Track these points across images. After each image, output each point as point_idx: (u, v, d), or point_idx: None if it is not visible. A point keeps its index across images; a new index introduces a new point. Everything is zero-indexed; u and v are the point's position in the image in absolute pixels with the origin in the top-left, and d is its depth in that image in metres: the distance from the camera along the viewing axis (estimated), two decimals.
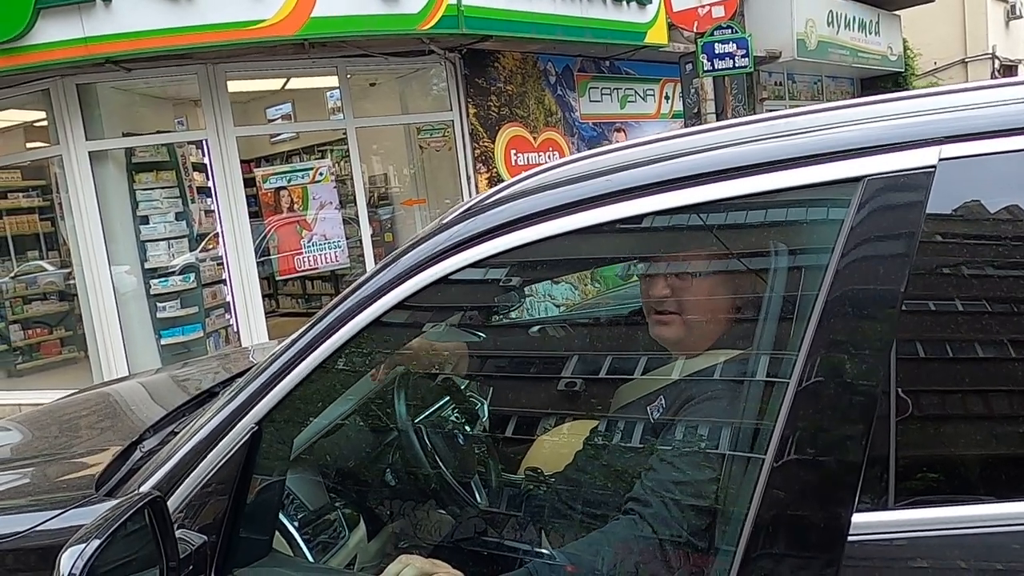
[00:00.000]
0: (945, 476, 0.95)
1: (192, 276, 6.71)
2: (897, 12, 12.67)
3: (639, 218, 1.07)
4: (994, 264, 0.97)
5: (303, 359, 1.20)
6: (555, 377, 1.63)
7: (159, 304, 6.60)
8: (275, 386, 1.21)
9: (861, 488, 0.90)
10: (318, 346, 1.20)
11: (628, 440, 1.36)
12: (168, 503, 1.16)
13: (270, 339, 6.39)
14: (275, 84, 7.61)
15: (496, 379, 1.75)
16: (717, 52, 7.20)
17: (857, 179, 0.94)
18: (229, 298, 6.83)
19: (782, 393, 0.94)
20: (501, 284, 1.25)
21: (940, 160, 0.92)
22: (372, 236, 7.29)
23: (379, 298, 1.19)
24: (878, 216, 0.93)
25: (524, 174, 1.32)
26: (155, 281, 6.56)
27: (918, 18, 13.40)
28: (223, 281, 6.89)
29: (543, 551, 1.30)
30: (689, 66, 7.73)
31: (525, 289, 1.41)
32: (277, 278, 7.61)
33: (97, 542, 0.95)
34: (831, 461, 0.90)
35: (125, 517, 1.00)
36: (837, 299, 0.92)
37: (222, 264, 6.80)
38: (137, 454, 1.65)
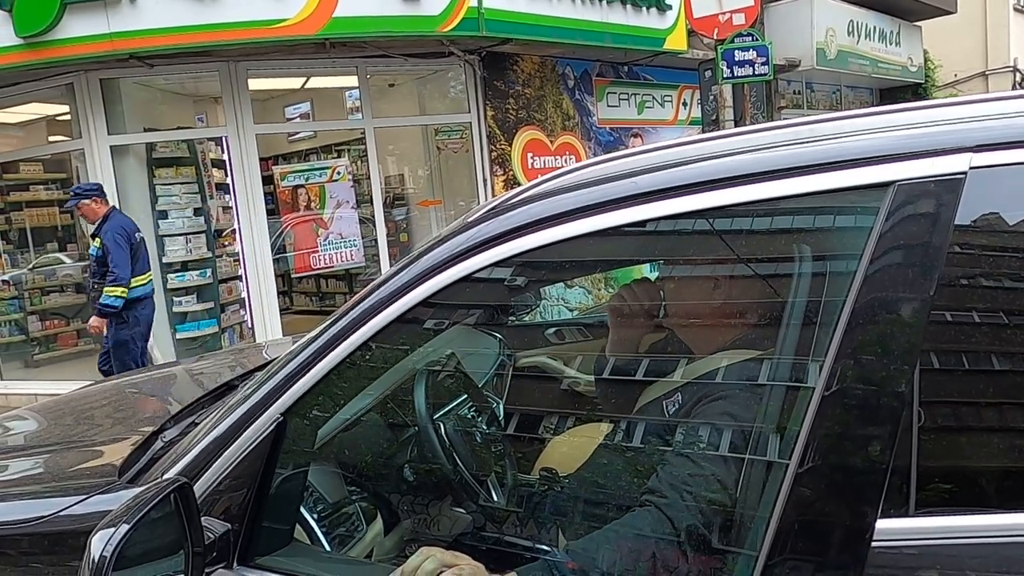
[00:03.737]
0: (965, 485, 0.95)
1: (208, 272, 6.76)
2: (918, 23, 12.61)
3: (666, 220, 1.08)
4: (1022, 273, 0.97)
5: (329, 352, 1.21)
6: (579, 377, 1.63)
7: (175, 299, 6.67)
8: (301, 377, 1.22)
9: (884, 494, 0.90)
10: (343, 340, 1.20)
11: (643, 437, 1.36)
12: None
13: (284, 336, 6.42)
14: (295, 83, 7.67)
15: (515, 378, 1.75)
16: (737, 59, 7.19)
17: (887, 184, 0.94)
18: (244, 294, 6.88)
19: (808, 397, 0.94)
20: (526, 283, 1.26)
21: (971, 168, 0.92)
22: (388, 236, 7.34)
23: (403, 295, 1.19)
24: (907, 222, 0.93)
25: (549, 175, 1.32)
26: (172, 276, 6.62)
27: (939, 29, 13.32)
28: (239, 277, 6.95)
29: (559, 544, 1.31)
30: (708, 73, 7.73)
31: (549, 289, 1.41)
32: (293, 275, 7.66)
33: (126, 526, 0.97)
34: (857, 465, 0.90)
35: (154, 502, 1.01)
36: (865, 304, 0.92)
37: (239, 260, 6.86)
38: (158, 443, 1.67)
